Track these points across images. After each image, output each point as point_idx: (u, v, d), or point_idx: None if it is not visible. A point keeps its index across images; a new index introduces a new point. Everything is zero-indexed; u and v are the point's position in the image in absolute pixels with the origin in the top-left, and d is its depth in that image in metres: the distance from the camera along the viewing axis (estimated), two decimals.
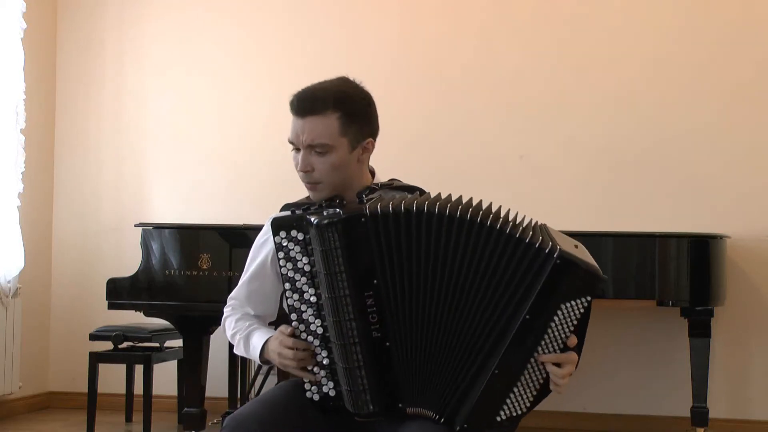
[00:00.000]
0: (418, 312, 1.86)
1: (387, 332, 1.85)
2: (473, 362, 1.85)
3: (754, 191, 4.58)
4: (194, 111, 5.24)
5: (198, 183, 5.18)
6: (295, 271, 1.91)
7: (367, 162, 2.11)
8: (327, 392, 1.93)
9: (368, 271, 1.84)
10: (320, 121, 1.98)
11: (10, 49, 4.84)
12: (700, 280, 3.98)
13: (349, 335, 1.85)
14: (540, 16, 4.87)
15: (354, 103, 2.03)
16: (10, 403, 4.91)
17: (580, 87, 4.79)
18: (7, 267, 4.76)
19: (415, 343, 1.87)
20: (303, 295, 1.91)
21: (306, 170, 2.02)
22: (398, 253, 1.84)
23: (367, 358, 1.85)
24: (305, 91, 2.01)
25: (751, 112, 4.63)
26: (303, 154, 2.01)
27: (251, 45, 5.20)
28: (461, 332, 1.85)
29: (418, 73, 4.97)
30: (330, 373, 1.92)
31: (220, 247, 4.02)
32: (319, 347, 1.92)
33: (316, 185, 2.04)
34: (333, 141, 1.99)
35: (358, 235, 1.84)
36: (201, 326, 4.06)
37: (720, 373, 4.52)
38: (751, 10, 4.65)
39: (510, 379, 1.84)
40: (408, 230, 1.84)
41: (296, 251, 1.91)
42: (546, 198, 4.63)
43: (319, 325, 1.91)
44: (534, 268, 1.80)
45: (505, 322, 1.83)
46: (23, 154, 4.91)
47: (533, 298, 1.80)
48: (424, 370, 1.87)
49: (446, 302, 1.85)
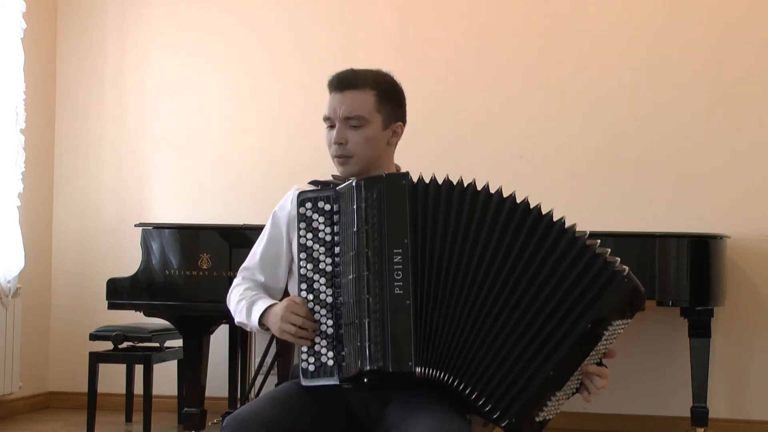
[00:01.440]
0: (443, 279, 1.87)
1: (408, 291, 1.85)
2: (532, 360, 1.85)
3: (754, 191, 4.58)
4: (194, 111, 5.24)
5: (198, 183, 5.18)
6: (314, 241, 1.95)
7: (394, 148, 2.20)
8: (325, 362, 1.91)
9: (402, 230, 1.88)
10: (359, 95, 2.10)
11: (10, 49, 4.84)
12: (700, 280, 3.98)
13: (364, 290, 1.86)
14: (539, 16, 4.87)
15: (389, 86, 2.16)
16: (10, 403, 4.91)
17: (581, 87, 4.79)
18: (7, 267, 4.76)
19: (438, 309, 1.86)
20: (318, 264, 1.94)
21: (340, 142, 2.10)
22: (437, 221, 1.89)
23: (386, 314, 1.84)
24: (345, 71, 2.15)
25: (751, 111, 4.62)
26: (338, 127, 2.11)
27: (252, 45, 5.20)
28: (516, 324, 1.86)
29: (417, 74, 4.95)
30: (331, 342, 1.91)
31: (220, 247, 4.02)
32: (325, 317, 1.92)
33: (348, 159, 2.12)
34: (369, 115, 2.10)
35: (397, 194, 1.90)
36: (201, 326, 4.06)
37: (720, 373, 4.52)
38: (750, 10, 4.65)
39: (559, 382, 1.87)
40: (459, 203, 1.91)
41: (320, 221, 1.95)
42: (546, 198, 4.56)
43: (329, 294, 1.93)
44: (600, 281, 1.86)
45: (567, 327, 1.85)
46: (23, 154, 4.91)
47: (596, 309, 1.85)
48: (452, 338, 1.86)
49: (494, 287, 1.86)
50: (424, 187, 1.93)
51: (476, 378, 1.85)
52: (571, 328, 1.85)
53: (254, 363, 4.86)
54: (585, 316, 1.85)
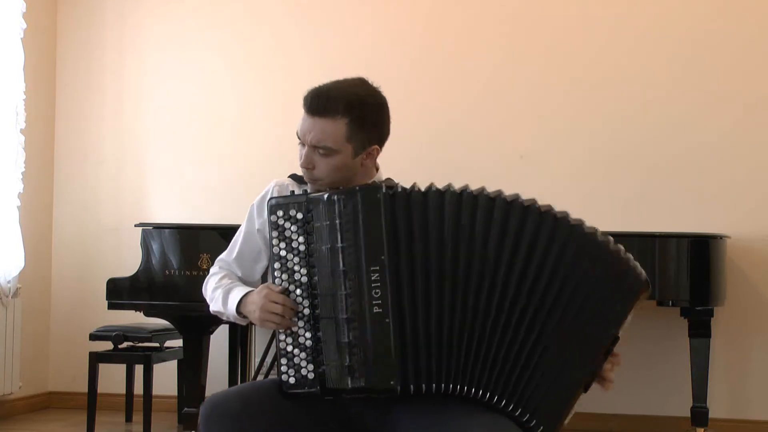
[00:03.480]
0: (430, 296, 1.82)
1: (388, 309, 1.82)
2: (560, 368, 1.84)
3: (754, 191, 4.58)
4: (194, 111, 5.23)
5: (198, 183, 5.18)
6: (288, 251, 1.90)
7: (373, 162, 2.10)
8: (306, 375, 1.88)
9: (378, 247, 1.82)
10: (328, 125, 1.97)
11: (10, 49, 4.84)
12: (700, 280, 3.98)
13: (342, 309, 1.83)
14: (540, 17, 4.87)
15: (365, 109, 2.01)
16: (10, 403, 4.91)
17: (581, 87, 4.79)
18: (7, 267, 4.76)
19: (420, 324, 1.82)
20: (293, 275, 1.90)
21: (307, 167, 2.02)
22: (413, 232, 1.83)
23: (359, 333, 1.82)
24: (320, 89, 2.00)
25: (751, 111, 4.62)
26: (306, 151, 2.01)
27: (252, 45, 5.19)
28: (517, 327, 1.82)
29: (418, 72, 4.97)
30: (312, 354, 1.87)
31: (220, 247, 3.97)
32: (303, 328, 1.89)
33: (315, 181, 2.05)
34: (337, 145, 1.99)
35: (372, 208, 1.83)
36: (201, 326, 4.06)
37: (720, 373, 4.52)
38: (754, 22, 4.65)
39: (586, 386, 1.88)
40: (436, 211, 1.83)
41: (292, 230, 1.90)
42: (546, 198, 4.56)
43: (307, 305, 1.89)
44: (624, 286, 1.85)
45: (594, 335, 1.85)
46: (23, 154, 4.91)
47: (625, 317, 1.85)
48: (438, 351, 1.82)
49: (480, 296, 1.81)
50: (402, 198, 1.85)
51: (464, 375, 1.82)
52: (598, 336, 1.84)
53: (254, 363, 4.86)
54: (612, 326, 1.85)
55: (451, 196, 1.84)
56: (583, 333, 1.83)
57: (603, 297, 1.83)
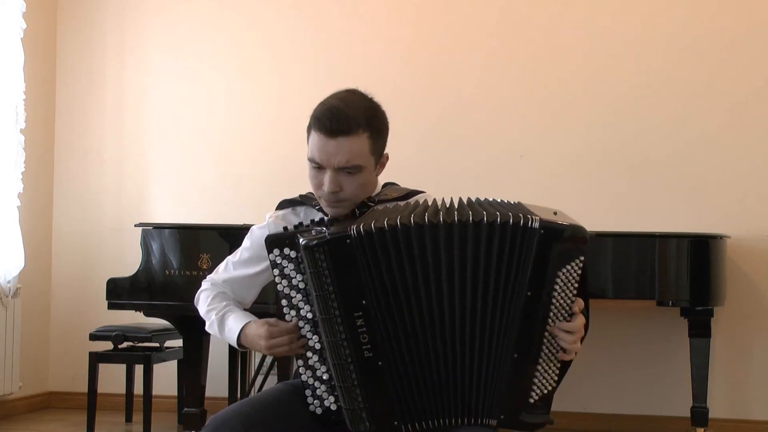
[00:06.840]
0: (408, 330, 1.84)
1: (379, 352, 1.83)
2: (489, 357, 1.84)
3: (754, 191, 4.58)
4: (194, 111, 5.24)
5: (198, 183, 5.18)
6: (290, 288, 1.92)
7: (381, 173, 2.10)
8: (328, 406, 1.92)
9: (357, 292, 1.82)
10: (354, 142, 1.94)
11: (10, 49, 4.84)
12: (700, 280, 3.98)
13: (344, 354, 1.84)
14: (541, 18, 4.87)
15: (379, 120, 2.01)
16: (10, 403, 4.92)
17: (581, 88, 4.79)
18: (7, 267, 4.76)
19: (409, 362, 1.85)
20: (300, 312, 1.92)
21: (335, 191, 1.97)
22: (384, 270, 1.82)
23: (362, 378, 1.84)
24: (334, 110, 1.94)
25: (751, 112, 4.62)
26: (331, 175, 1.95)
27: (253, 45, 5.20)
28: (463, 337, 1.84)
29: (418, 73, 4.97)
30: (330, 387, 1.91)
31: (220, 247, 4.03)
32: (318, 362, 1.92)
33: (342, 202, 2.00)
34: (364, 161, 1.97)
35: (344, 255, 1.82)
36: (201, 326, 4.01)
37: (720, 373, 4.52)
38: (750, 18, 4.65)
39: (531, 359, 1.84)
40: (390, 247, 1.82)
41: (290, 269, 1.91)
42: (546, 198, 4.57)
43: (317, 341, 1.91)
44: (522, 245, 1.79)
45: (510, 308, 1.82)
46: (23, 154, 4.91)
47: (529, 275, 1.80)
48: (426, 386, 1.86)
49: (441, 312, 1.83)
50: (373, 239, 1.81)
51: (424, 411, 1.86)
52: (513, 307, 1.81)
53: (254, 363, 4.86)
54: (521, 287, 1.80)
55: (417, 232, 1.81)
56: (508, 310, 1.83)
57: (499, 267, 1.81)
